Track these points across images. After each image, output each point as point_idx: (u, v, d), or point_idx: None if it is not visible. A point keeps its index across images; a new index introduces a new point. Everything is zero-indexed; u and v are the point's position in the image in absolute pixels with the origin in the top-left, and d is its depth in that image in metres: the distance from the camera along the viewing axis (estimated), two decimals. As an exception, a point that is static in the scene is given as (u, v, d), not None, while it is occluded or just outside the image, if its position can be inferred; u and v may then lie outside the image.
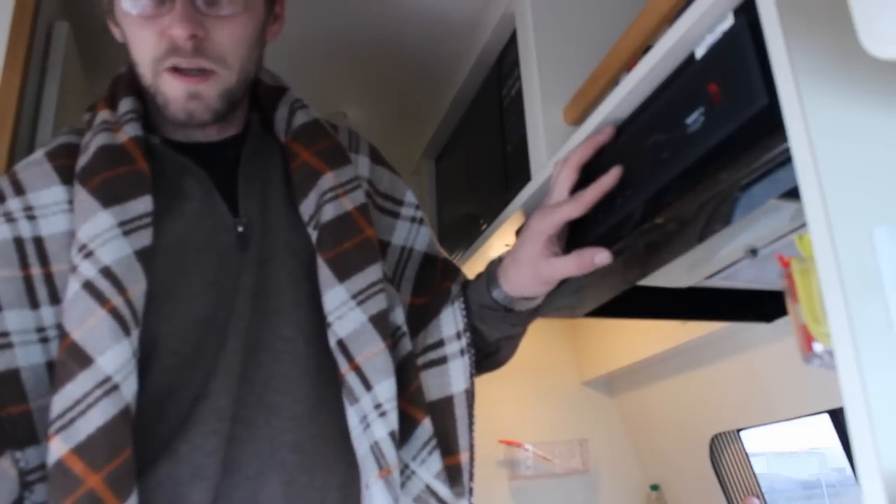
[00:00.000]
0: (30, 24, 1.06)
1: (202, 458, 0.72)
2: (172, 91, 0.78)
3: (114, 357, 0.68)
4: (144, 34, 0.77)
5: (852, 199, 0.51)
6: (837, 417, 1.41)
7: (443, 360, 0.85)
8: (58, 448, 0.66)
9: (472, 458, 0.82)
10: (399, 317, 0.84)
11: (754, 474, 1.71)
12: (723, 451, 1.70)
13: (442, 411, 0.82)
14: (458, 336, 0.86)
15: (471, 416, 0.83)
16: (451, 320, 0.87)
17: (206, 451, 0.73)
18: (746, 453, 1.71)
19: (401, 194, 0.97)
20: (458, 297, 0.88)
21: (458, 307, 0.87)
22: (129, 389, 0.68)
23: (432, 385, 0.84)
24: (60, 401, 0.67)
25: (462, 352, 0.85)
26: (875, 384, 0.47)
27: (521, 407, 1.91)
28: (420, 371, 0.84)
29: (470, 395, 0.83)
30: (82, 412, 0.66)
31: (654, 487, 1.87)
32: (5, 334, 0.71)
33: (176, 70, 0.77)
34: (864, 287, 0.49)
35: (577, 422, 1.93)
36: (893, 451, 0.46)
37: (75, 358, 0.68)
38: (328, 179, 0.83)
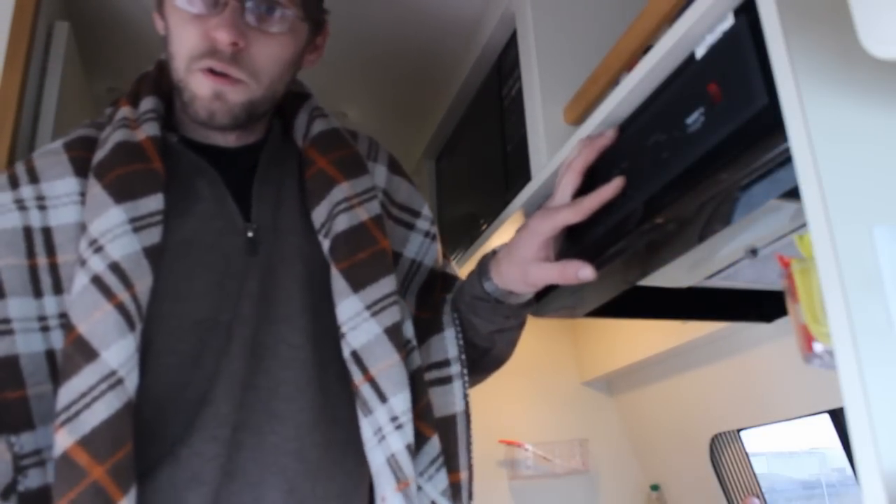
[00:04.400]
0: (30, 23, 1.05)
1: (201, 463, 0.73)
2: (200, 89, 0.79)
3: (119, 351, 0.68)
4: (189, 30, 0.78)
5: (852, 199, 0.51)
6: (837, 417, 1.41)
7: (448, 380, 0.86)
8: (64, 440, 0.66)
9: (470, 478, 0.83)
10: (409, 330, 0.84)
11: (754, 474, 1.70)
12: (723, 451, 1.70)
13: (446, 429, 0.83)
14: (459, 357, 0.88)
15: (468, 436, 0.84)
16: (453, 340, 0.88)
17: (206, 457, 0.73)
18: (746, 453, 1.71)
19: (418, 206, 0.98)
20: (454, 322, 0.90)
21: (456, 329, 0.89)
22: (131, 384, 0.69)
23: (437, 403, 0.84)
24: (66, 394, 0.67)
25: (462, 374, 0.87)
26: (875, 384, 0.47)
27: (521, 407, 1.91)
28: (428, 388, 0.85)
29: (467, 416, 0.85)
30: (87, 405, 0.67)
31: (654, 487, 1.86)
32: (6, 321, 0.72)
33: (209, 71, 0.78)
34: (864, 287, 0.49)
35: (577, 422, 1.93)
36: (893, 451, 0.46)
37: (81, 351, 0.68)
38: (342, 189, 0.84)
